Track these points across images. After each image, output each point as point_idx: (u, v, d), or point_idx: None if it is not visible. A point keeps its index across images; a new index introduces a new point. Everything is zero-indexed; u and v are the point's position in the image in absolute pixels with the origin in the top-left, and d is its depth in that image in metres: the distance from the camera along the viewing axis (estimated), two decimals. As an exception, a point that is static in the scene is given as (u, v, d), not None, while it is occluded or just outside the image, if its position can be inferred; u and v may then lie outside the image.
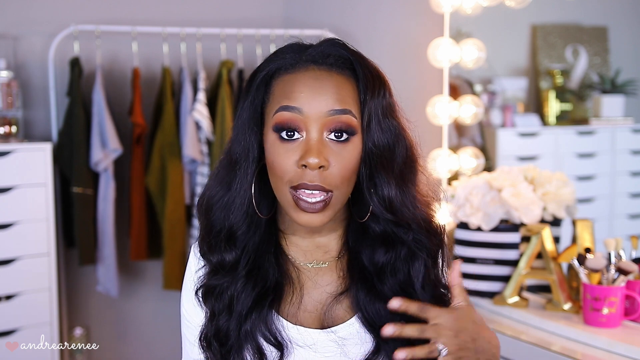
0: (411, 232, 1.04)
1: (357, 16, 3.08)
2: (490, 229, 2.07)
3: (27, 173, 2.66)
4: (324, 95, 0.98)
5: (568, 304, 1.94)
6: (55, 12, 3.02)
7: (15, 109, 2.78)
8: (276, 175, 1.00)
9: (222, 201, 1.05)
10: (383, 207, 1.01)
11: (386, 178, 1.01)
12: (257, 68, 1.06)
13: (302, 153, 0.97)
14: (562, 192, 2.11)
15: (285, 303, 1.05)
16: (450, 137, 2.61)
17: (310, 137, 0.98)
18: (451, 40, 2.48)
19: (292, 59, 1.03)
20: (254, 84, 1.04)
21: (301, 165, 0.97)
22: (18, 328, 2.65)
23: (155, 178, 2.95)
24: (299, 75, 1.00)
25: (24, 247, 2.66)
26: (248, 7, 3.40)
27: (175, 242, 2.98)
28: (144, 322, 3.32)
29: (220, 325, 1.04)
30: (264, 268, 1.05)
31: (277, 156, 0.99)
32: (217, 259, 1.06)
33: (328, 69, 1.01)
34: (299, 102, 0.98)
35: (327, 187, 0.97)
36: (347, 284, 1.05)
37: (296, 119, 0.98)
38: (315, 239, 1.09)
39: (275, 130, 0.99)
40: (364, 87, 1.00)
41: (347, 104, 0.99)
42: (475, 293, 2.11)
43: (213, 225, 1.06)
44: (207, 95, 3.02)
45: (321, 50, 1.03)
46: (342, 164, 0.98)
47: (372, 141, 1.00)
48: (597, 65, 2.88)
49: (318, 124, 0.98)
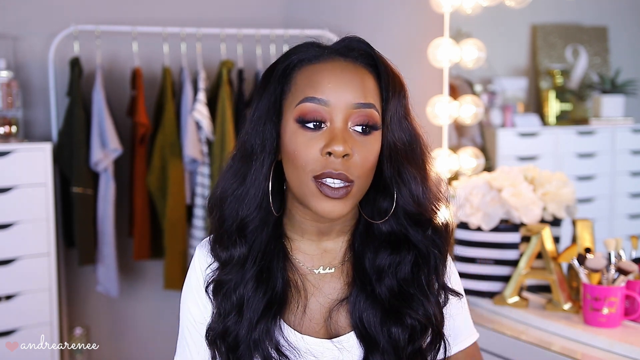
0: (430, 229, 1.05)
1: (357, 16, 3.08)
2: (490, 229, 2.07)
3: (27, 173, 2.66)
4: (351, 87, 0.98)
5: (568, 304, 1.94)
6: (55, 12, 3.02)
7: (15, 109, 2.78)
8: (298, 166, 0.98)
9: (236, 193, 1.04)
10: (412, 201, 1.02)
11: (413, 172, 1.02)
12: (275, 62, 1.05)
13: (327, 141, 0.97)
14: (562, 192, 2.11)
15: (290, 311, 1.05)
16: (450, 137, 2.61)
17: (335, 127, 0.98)
18: (451, 40, 2.48)
19: (316, 51, 1.03)
20: (274, 75, 1.03)
21: (326, 153, 0.96)
22: (18, 328, 2.65)
23: (155, 178, 2.95)
24: (325, 66, 1.00)
25: (24, 247, 2.66)
26: (248, 7, 3.40)
27: (175, 242, 2.98)
28: (144, 322, 3.32)
29: (228, 326, 1.03)
30: (273, 272, 1.04)
31: (300, 144, 0.98)
32: (226, 253, 1.05)
33: (353, 62, 1.02)
34: (325, 94, 0.98)
35: (350, 176, 0.97)
36: (350, 290, 1.05)
37: (322, 110, 0.98)
38: (322, 242, 1.07)
39: (297, 121, 0.98)
40: (386, 84, 1.01)
41: (372, 99, 0.99)
42: (475, 293, 2.11)
43: (225, 218, 1.05)
44: (207, 95, 3.02)
45: (345, 45, 1.03)
46: (364, 155, 0.98)
47: (395, 138, 1.01)
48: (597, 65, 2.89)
49: (343, 114, 0.98)
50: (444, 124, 2.52)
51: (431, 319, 1.03)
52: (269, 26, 3.26)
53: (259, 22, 3.30)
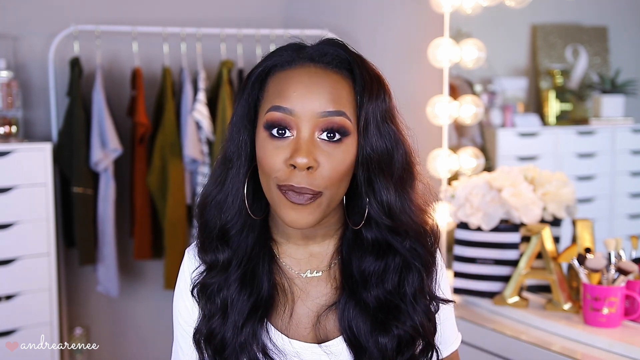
0: (408, 240, 1.02)
1: (357, 16, 3.08)
2: (490, 229, 2.07)
3: (27, 173, 2.66)
4: (318, 95, 0.95)
5: (568, 304, 1.94)
6: (55, 12, 3.02)
7: (15, 109, 2.78)
8: (265, 173, 0.97)
9: (215, 199, 1.03)
10: (382, 212, 0.99)
11: (385, 183, 0.98)
12: (255, 66, 1.04)
13: (292, 152, 0.94)
14: (562, 192, 2.11)
15: (277, 314, 1.04)
16: (450, 137, 2.61)
17: (301, 136, 0.95)
18: (451, 40, 2.48)
19: (289, 56, 1.00)
20: (249, 81, 1.02)
21: (289, 164, 0.94)
22: (18, 328, 2.65)
23: (156, 178, 2.95)
24: (293, 73, 0.98)
25: (24, 247, 2.66)
26: (248, 7, 3.40)
27: (176, 242, 2.98)
28: (144, 322, 3.32)
29: (213, 328, 1.02)
30: (258, 276, 1.03)
31: (266, 152, 0.96)
32: (210, 257, 1.04)
33: (324, 67, 0.98)
34: (291, 103, 0.95)
35: (315, 189, 0.94)
36: (338, 295, 1.04)
37: (287, 119, 0.95)
38: (309, 247, 1.06)
39: (265, 128, 0.97)
40: (361, 88, 0.97)
41: (342, 105, 0.96)
42: (475, 293, 2.11)
43: (207, 224, 1.05)
44: (208, 95, 3.02)
45: (319, 49, 1.00)
46: (333, 165, 0.95)
47: (370, 145, 0.97)
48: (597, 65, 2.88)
49: (310, 123, 0.95)
50: (444, 124, 2.52)
51: (418, 329, 1.01)
52: (269, 26, 3.26)
53: (259, 22, 3.30)
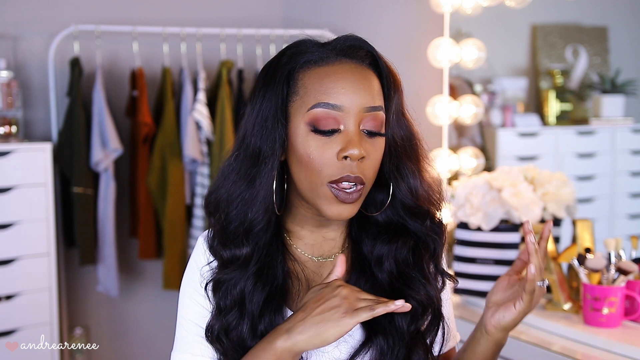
0: (427, 220, 1.07)
1: (357, 16, 3.08)
2: (490, 229, 2.07)
3: (27, 173, 2.66)
4: (363, 91, 0.99)
5: (568, 304, 1.94)
6: (55, 12, 3.02)
7: (15, 109, 2.78)
8: (313, 170, 0.99)
9: (242, 196, 1.03)
10: (410, 195, 1.05)
11: (411, 168, 1.05)
12: (275, 61, 1.03)
13: (343, 145, 0.98)
14: (562, 192, 2.11)
15: (292, 300, 1.06)
16: (450, 137, 2.61)
17: (349, 131, 0.99)
18: (451, 40, 2.48)
19: (321, 53, 1.02)
20: (277, 76, 1.01)
21: (342, 157, 0.97)
22: (18, 328, 2.65)
23: (155, 178, 2.95)
24: (334, 69, 1.00)
25: (24, 247, 2.66)
26: (248, 7, 3.40)
27: (175, 242, 2.98)
28: (143, 322, 3.32)
29: (230, 322, 1.03)
30: (273, 267, 1.05)
31: (314, 149, 0.98)
32: (229, 254, 1.04)
33: (360, 63, 1.02)
34: (339, 99, 0.98)
35: (364, 178, 0.99)
36: (350, 276, 1.07)
37: (336, 115, 0.98)
38: (322, 232, 1.09)
39: (310, 124, 0.99)
40: (388, 84, 1.03)
41: (380, 100, 1.01)
42: (475, 293, 2.11)
43: (231, 220, 1.04)
44: (207, 95, 3.02)
45: (349, 45, 1.03)
46: (375, 156, 1.01)
47: (395, 134, 1.04)
48: (597, 65, 2.88)
49: (356, 118, 0.99)
50: (444, 124, 2.52)
51: (432, 299, 1.06)
52: (269, 26, 3.26)
53: (259, 22, 3.30)
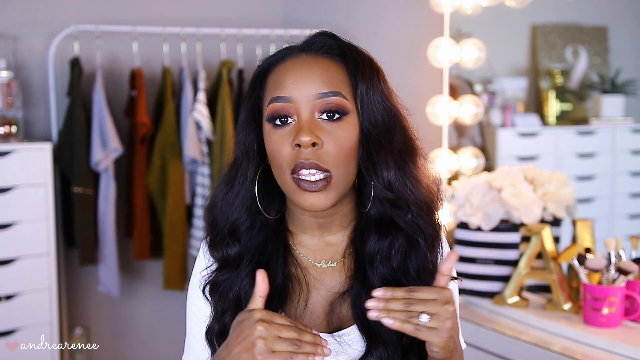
0: (410, 214, 1.03)
1: (357, 16, 3.08)
2: (490, 229, 2.07)
3: (27, 173, 2.66)
4: (311, 79, 1.00)
5: (568, 304, 1.94)
6: (55, 12, 3.02)
7: (15, 109, 2.78)
8: (276, 164, 1.01)
9: (225, 197, 1.07)
10: (382, 186, 1.02)
11: (384, 158, 1.01)
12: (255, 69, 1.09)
13: (295, 134, 0.99)
14: (562, 192, 2.11)
15: (291, 305, 1.06)
16: (450, 137, 2.61)
17: (302, 119, 1.00)
18: (451, 40, 2.48)
19: (283, 53, 1.06)
20: (251, 82, 1.07)
21: (295, 145, 0.98)
22: (18, 328, 2.65)
23: (155, 178, 2.95)
24: (287, 65, 1.03)
25: (24, 247, 2.66)
26: (248, 7, 3.40)
27: (175, 242, 2.98)
28: (144, 322, 3.32)
29: (226, 323, 1.03)
30: (272, 268, 1.05)
31: (274, 143, 1.01)
32: (220, 254, 1.07)
33: (314, 54, 1.04)
34: (287, 91, 1.00)
35: (323, 165, 0.98)
36: (351, 284, 1.05)
37: (287, 106, 1.00)
38: (324, 237, 1.09)
39: (268, 120, 1.02)
40: (354, 69, 1.02)
41: (336, 86, 1.00)
42: (475, 293, 2.11)
43: (217, 222, 1.08)
44: (207, 95, 3.02)
45: (309, 40, 1.06)
46: (337, 142, 0.99)
47: (369, 121, 1.01)
48: (597, 65, 2.88)
49: (308, 107, 1.00)
50: (443, 124, 2.52)
51: None
52: (269, 26, 3.26)
53: (259, 22, 3.30)
